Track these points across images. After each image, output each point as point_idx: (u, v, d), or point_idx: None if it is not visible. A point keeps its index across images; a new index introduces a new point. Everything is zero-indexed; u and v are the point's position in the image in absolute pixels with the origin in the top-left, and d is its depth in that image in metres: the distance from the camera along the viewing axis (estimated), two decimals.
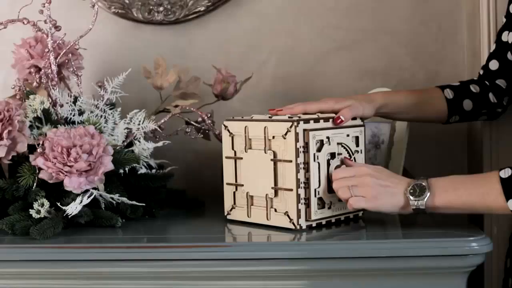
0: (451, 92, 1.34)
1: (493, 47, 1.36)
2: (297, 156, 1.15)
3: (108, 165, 1.22)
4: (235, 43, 1.61)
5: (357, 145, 1.22)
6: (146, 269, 1.13)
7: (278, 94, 1.62)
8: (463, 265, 1.09)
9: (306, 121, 1.16)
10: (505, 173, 1.07)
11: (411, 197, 1.10)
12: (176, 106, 1.40)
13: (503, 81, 1.34)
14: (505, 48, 1.33)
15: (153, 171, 1.38)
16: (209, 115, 1.40)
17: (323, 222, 1.18)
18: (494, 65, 1.35)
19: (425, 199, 1.10)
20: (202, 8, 1.56)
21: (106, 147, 1.24)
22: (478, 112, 1.35)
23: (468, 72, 1.57)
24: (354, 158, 1.20)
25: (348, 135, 1.20)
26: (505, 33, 1.33)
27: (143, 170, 1.36)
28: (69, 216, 1.18)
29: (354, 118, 1.22)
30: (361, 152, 1.22)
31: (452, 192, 1.09)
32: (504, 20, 1.34)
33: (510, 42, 1.28)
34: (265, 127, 1.18)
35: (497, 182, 1.07)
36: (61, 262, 1.13)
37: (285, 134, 1.15)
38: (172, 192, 1.41)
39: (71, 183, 1.19)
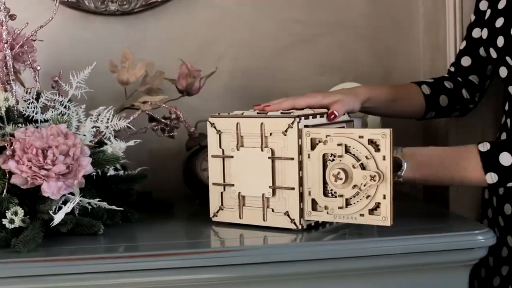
0: (427, 88, 1.34)
1: (463, 44, 1.38)
2: (299, 153, 1.10)
3: (87, 167, 1.12)
4: (192, 36, 1.54)
5: (378, 150, 1.04)
6: (137, 279, 1.04)
7: (237, 88, 1.56)
8: (468, 258, 1.10)
9: (306, 117, 1.12)
10: (483, 147, 1.09)
11: None
12: (145, 102, 1.31)
13: (475, 77, 1.36)
14: (476, 45, 1.35)
15: (121, 172, 1.29)
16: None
17: (312, 224, 1.14)
18: (466, 61, 1.37)
19: (402, 174, 1.09)
20: None
21: (82, 148, 1.13)
22: (453, 108, 1.36)
23: (426, 67, 1.58)
24: (362, 164, 1.05)
25: (361, 137, 1.05)
26: (476, 29, 1.35)
27: (111, 172, 1.26)
28: (52, 225, 1.07)
29: None
30: (384, 159, 1.03)
31: (429, 168, 1.10)
32: (473, 17, 1.36)
33: (484, 37, 1.29)
34: (261, 124, 1.12)
35: (476, 156, 1.09)
36: (45, 277, 1.01)
37: (286, 130, 1.10)
38: (137, 194, 1.32)
39: (49, 188, 1.08)
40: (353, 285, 1.09)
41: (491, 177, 1.08)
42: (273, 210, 1.13)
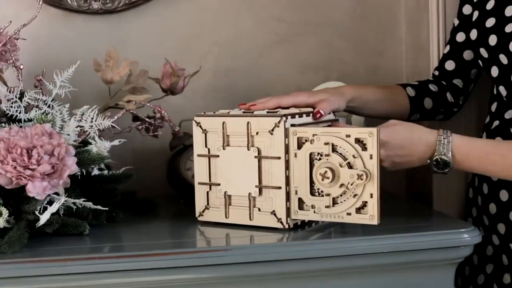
0: (412, 90, 1.35)
1: (446, 48, 1.39)
2: (286, 152, 1.10)
3: (72, 166, 1.11)
4: (175, 35, 1.53)
5: (365, 149, 1.05)
6: (123, 279, 1.04)
7: (221, 88, 1.56)
8: (454, 256, 1.11)
9: (293, 116, 1.11)
10: None
11: (435, 169, 1.12)
12: (129, 101, 1.30)
13: (459, 81, 1.37)
14: (460, 48, 1.36)
15: (105, 172, 1.28)
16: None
17: (299, 223, 1.14)
18: (450, 65, 1.37)
19: (449, 170, 1.12)
20: None
21: (67, 147, 1.12)
22: (437, 111, 1.37)
23: (409, 66, 1.59)
24: (349, 163, 1.05)
25: (348, 136, 1.05)
26: (460, 34, 1.36)
27: (96, 172, 1.25)
28: (37, 226, 1.05)
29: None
30: (371, 158, 1.04)
31: (475, 162, 1.12)
32: (457, 21, 1.37)
33: (473, 38, 1.30)
34: (248, 123, 1.12)
35: None
36: (31, 278, 1.00)
37: (272, 129, 1.10)
38: (121, 194, 1.31)
39: (34, 188, 1.07)
40: (340, 284, 1.10)
41: None
42: (259, 210, 1.13)
